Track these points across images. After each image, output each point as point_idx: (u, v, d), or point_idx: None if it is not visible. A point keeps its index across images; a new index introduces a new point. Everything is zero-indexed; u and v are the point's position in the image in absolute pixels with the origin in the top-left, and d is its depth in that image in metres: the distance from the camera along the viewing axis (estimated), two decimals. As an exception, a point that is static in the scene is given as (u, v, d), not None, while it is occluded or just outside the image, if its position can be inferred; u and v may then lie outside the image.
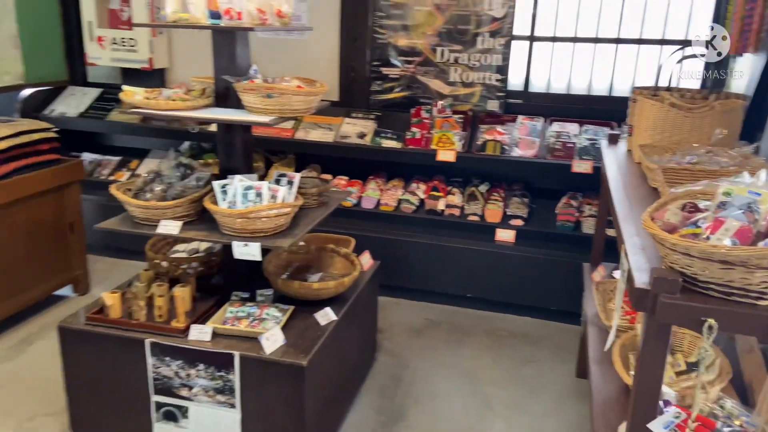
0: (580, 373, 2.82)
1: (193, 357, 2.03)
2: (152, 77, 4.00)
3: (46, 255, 3.19)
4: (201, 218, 2.22)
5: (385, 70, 3.79)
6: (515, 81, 3.72)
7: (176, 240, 2.59)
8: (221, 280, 2.52)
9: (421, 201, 3.65)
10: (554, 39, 3.62)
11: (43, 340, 3.00)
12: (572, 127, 3.55)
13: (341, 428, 2.46)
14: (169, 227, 2.13)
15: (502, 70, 3.60)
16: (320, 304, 2.33)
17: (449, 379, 2.83)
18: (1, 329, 3.04)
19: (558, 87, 3.71)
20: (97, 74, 4.26)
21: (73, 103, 4.08)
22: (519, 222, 3.46)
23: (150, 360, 2.07)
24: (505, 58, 3.58)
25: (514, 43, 3.60)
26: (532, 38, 3.63)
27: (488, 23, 3.54)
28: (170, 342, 2.05)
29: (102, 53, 3.98)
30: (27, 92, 3.96)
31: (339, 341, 2.32)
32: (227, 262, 2.45)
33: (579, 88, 3.68)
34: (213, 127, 3.78)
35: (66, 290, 3.44)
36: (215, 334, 2.09)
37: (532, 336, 3.26)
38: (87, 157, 4.12)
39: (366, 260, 2.74)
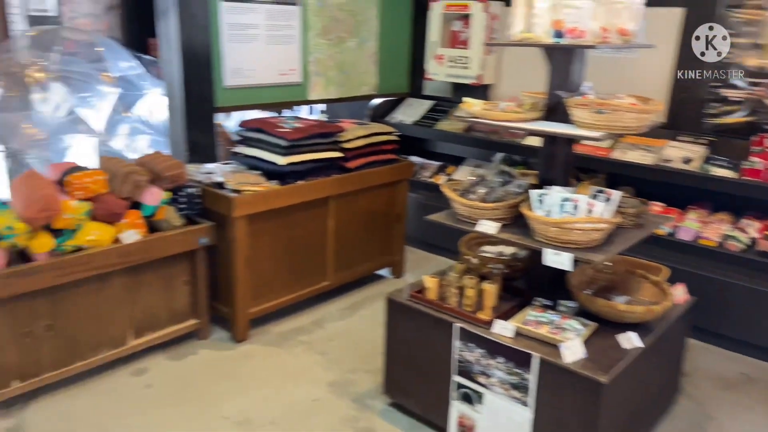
0: None
1: (494, 349, 2.19)
2: (478, 92, 4.35)
3: (376, 239, 3.76)
4: (515, 223, 2.36)
5: (725, 92, 3.42)
6: None
7: (485, 241, 2.80)
8: (523, 284, 2.63)
9: (753, 240, 3.20)
10: None
11: (366, 309, 3.55)
12: None
13: (628, 461, 2.34)
14: (488, 227, 2.32)
15: None
16: (621, 327, 2.26)
17: (766, 447, 2.45)
18: (338, 293, 3.68)
19: None
20: (431, 88, 4.81)
21: (409, 112, 4.70)
22: None
23: (456, 343, 2.29)
24: None
25: None
26: None
27: None
28: (475, 330, 2.24)
29: (439, 69, 4.49)
30: (376, 101, 4.70)
31: (640, 370, 2.21)
32: (533, 268, 2.56)
33: None
34: (526, 141, 3.93)
35: (384, 271, 3.99)
36: (517, 333, 2.21)
37: None
38: (414, 159, 4.69)
39: (680, 293, 2.55)
